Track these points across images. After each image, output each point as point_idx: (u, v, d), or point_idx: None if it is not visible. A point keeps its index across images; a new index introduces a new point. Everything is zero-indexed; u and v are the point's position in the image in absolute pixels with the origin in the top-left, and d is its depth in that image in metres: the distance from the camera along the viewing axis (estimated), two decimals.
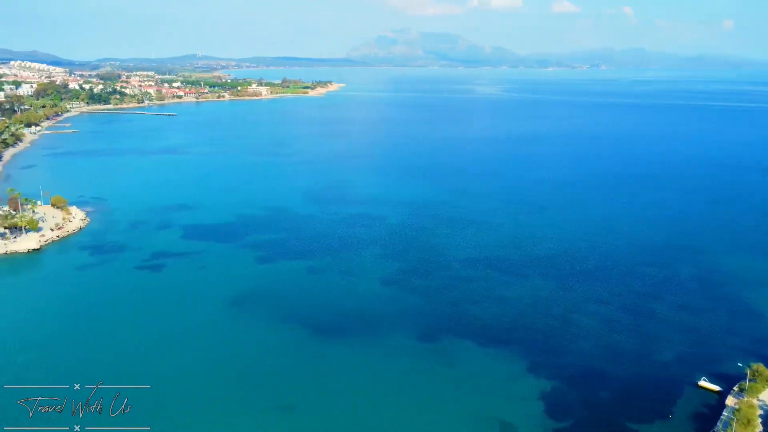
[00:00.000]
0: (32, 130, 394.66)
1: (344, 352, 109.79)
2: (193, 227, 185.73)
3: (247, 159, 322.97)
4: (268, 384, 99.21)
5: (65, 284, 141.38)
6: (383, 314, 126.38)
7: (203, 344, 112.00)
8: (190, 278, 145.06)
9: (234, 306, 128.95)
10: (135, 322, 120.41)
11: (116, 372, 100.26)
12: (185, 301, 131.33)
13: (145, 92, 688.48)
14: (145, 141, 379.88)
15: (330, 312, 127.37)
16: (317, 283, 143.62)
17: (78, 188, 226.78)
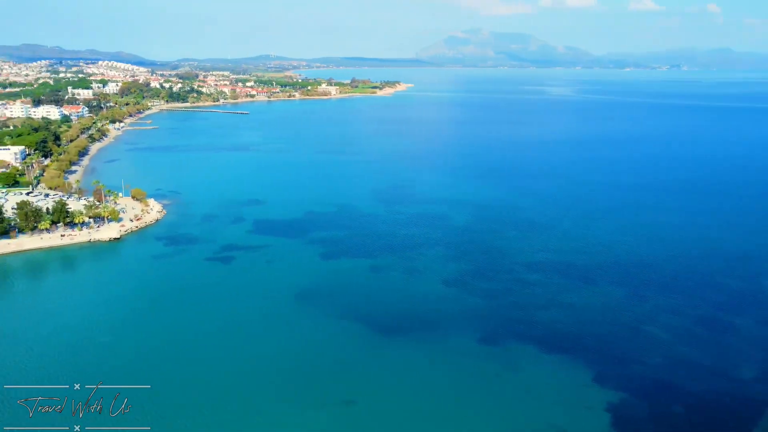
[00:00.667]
0: (116, 126, 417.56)
1: (404, 351, 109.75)
2: (261, 222, 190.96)
3: (315, 157, 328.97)
4: (327, 378, 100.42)
5: (142, 272, 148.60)
6: (444, 315, 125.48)
7: (267, 336, 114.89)
8: (257, 271, 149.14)
9: (298, 300, 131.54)
10: (204, 311, 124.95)
11: (185, 356, 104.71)
12: (252, 293, 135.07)
13: (220, 91, 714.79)
14: (219, 138, 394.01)
15: (391, 310, 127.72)
16: (379, 281, 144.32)
17: (156, 182, 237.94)
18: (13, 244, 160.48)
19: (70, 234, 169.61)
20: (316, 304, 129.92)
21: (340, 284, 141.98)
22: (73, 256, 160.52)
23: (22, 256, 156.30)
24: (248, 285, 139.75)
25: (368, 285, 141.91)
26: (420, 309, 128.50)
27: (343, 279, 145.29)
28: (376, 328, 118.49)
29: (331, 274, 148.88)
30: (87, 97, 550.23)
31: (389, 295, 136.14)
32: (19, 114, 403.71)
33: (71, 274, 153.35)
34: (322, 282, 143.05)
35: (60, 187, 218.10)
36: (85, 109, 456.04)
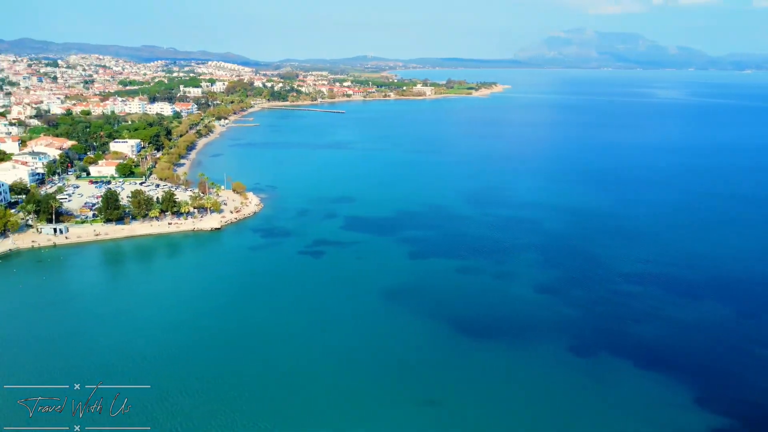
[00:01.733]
0: (222, 123, 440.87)
1: (491, 355, 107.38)
2: (353, 218, 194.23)
3: (408, 156, 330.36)
4: (412, 376, 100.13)
5: (239, 262, 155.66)
6: (534, 321, 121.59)
7: (353, 331, 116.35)
8: (347, 267, 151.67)
9: (385, 297, 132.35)
10: (294, 303, 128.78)
11: (272, 345, 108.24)
12: (340, 288, 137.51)
13: (318, 90, 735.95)
14: (316, 136, 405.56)
15: (479, 313, 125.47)
16: (468, 283, 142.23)
17: (255, 176, 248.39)
18: (127, 229, 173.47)
19: (177, 222, 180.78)
20: (403, 302, 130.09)
21: (428, 284, 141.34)
22: (178, 243, 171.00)
23: (133, 240, 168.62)
24: (337, 280, 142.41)
25: (456, 286, 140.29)
26: (509, 313, 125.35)
27: (431, 279, 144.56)
28: (462, 330, 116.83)
29: (419, 273, 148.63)
30: (196, 95, 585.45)
31: (477, 297, 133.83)
32: (136, 110, 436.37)
33: (176, 260, 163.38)
34: (410, 281, 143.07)
35: (169, 178, 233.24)
36: (195, 106, 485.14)
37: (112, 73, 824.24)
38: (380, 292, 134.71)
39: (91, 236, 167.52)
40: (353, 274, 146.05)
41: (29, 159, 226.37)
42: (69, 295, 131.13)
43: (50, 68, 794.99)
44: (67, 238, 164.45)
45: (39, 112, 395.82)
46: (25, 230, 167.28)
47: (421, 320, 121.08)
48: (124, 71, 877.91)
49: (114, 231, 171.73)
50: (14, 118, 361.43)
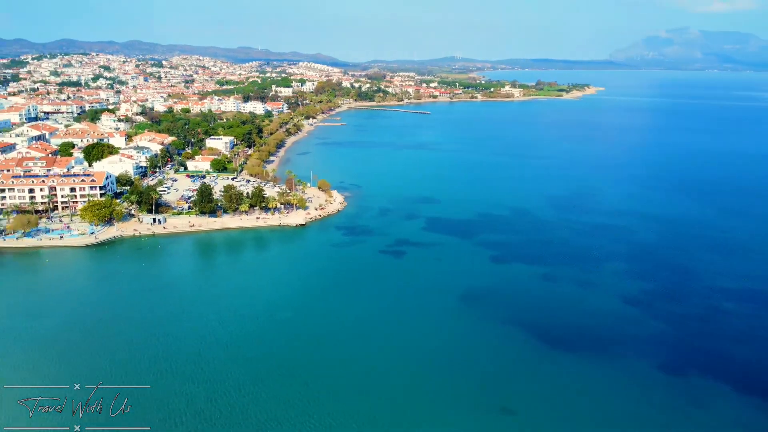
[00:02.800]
0: (310, 122, 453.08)
1: (572, 367, 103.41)
2: (434, 220, 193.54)
3: (492, 158, 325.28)
4: (487, 382, 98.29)
5: (322, 258, 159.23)
6: (620, 334, 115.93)
7: (429, 332, 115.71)
8: (427, 268, 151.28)
9: (464, 300, 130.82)
10: (373, 300, 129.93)
11: (351, 341, 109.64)
12: (419, 288, 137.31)
13: (404, 91, 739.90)
14: (400, 136, 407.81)
15: (561, 322, 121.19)
16: (551, 291, 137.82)
17: (340, 174, 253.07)
18: (218, 222, 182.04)
19: (264, 217, 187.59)
20: (482, 306, 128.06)
21: (508, 289, 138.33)
22: (265, 237, 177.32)
23: (224, 233, 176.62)
24: (416, 281, 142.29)
25: (538, 293, 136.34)
26: (593, 325, 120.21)
27: (512, 284, 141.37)
28: (542, 339, 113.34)
29: (499, 278, 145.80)
30: (287, 94, 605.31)
31: (560, 306, 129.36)
32: (231, 108, 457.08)
33: (262, 254, 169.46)
34: (490, 285, 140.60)
35: (259, 174, 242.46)
36: (285, 105, 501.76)
37: (210, 73, 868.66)
38: (459, 295, 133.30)
39: (186, 227, 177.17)
40: (433, 276, 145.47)
41: (134, 153, 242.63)
42: (164, 282, 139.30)
43: (155, 68, 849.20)
44: (164, 228, 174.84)
45: (144, 109, 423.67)
46: (128, 219, 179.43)
47: (499, 326, 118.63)
48: (222, 71, 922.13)
49: (207, 223, 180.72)
50: (122, 114, 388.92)
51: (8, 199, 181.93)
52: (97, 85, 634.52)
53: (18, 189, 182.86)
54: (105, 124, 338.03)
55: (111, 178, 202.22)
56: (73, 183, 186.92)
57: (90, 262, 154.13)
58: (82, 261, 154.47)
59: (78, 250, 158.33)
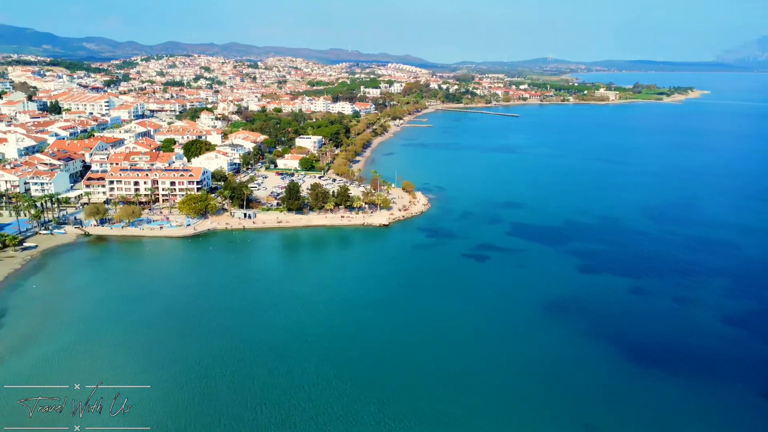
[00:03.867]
0: (396, 123, 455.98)
1: (663, 387, 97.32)
2: (519, 225, 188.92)
3: (582, 164, 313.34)
4: (568, 395, 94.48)
5: (403, 259, 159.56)
6: (721, 357, 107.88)
7: (508, 339, 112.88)
8: (510, 274, 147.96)
9: (548, 310, 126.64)
10: (452, 304, 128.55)
11: (428, 343, 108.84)
12: (502, 295, 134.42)
13: (493, 93, 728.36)
14: (487, 138, 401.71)
15: (653, 339, 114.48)
16: (641, 305, 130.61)
17: (424, 176, 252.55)
18: (305, 219, 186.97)
19: (348, 216, 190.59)
20: (567, 317, 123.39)
21: (595, 301, 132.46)
22: (349, 236, 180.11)
23: (310, 230, 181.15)
24: (498, 286, 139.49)
25: (628, 307, 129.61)
26: (691, 345, 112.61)
27: (599, 296, 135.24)
28: (633, 355, 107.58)
29: (586, 288, 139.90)
30: (375, 95, 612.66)
31: (652, 322, 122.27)
32: (320, 108, 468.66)
33: (345, 252, 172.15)
34: (576, 295, 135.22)
35: (345, 174, 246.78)
36: (372, 106, 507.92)
37: (302, 74, 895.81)
38: (542, 304, 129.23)
39: (274, 223, 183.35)
40: (515, 282, 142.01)
41: (229, 150, 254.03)
42: (252, 275, 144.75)
43: (251, 69, 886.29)
44: (254, 223, 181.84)
45: (239, 108, 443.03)
46: (221, 213, 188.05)
47: (583, 338, 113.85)
48: (313, 72, 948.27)
49: (294, 219, 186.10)
50: (219, 113, 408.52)
51: (116, 191, 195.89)
52: (198, 85, 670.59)
53: (125, 181, 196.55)
54: (203, 122, 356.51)
55: (207, 173, 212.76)
56: (173, 177, 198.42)
57: (185, 253, 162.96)
58: (178, 251, 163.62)
59: (175, 240, 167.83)
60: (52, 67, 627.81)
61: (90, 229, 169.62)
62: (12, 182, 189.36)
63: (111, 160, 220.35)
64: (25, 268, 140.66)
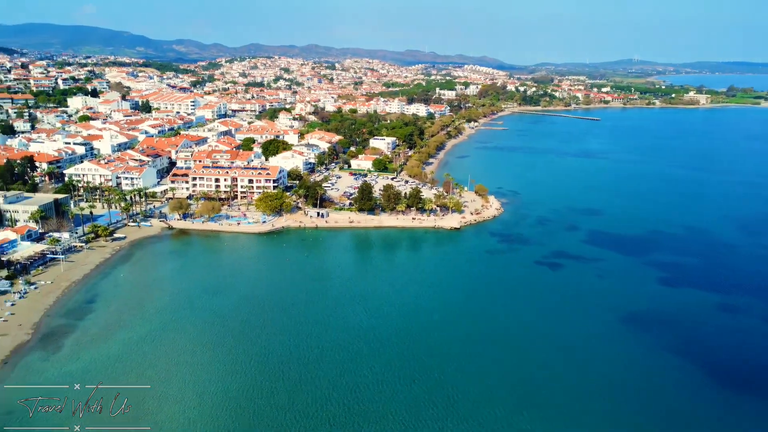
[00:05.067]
0: (471, 125, 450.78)
1: (758, 413, 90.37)
2: (597, 233, 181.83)
3: (668, 170, 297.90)
4: (650, 417, 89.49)
5: (474, 263, 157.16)
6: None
7: (585, 354, 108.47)
8: (585, 284, 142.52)
9: (626, 323, 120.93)
10: (525, 312, 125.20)
11: (497, 350, 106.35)
12: (577, 305, 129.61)
13: (572, 96, 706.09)
14: (565, 143, 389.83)
15: (743, 360, 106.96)
16: (731, 323, 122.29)
17: (498, 180, 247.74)
18: (376, 219, 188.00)
19: (420, 218, 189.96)
20: (647, 332, 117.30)
21: (678, 317, 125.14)
22: (419, 238, 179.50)
23: (381, 231, 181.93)
24: (573, 296, 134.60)
25: (715, 325, 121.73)
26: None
27: (683, 312, 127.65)
28: (719, 376, 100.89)
29: (669, 303, 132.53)
30: (450, 97, 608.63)
31: (742, 341, 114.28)
32: (395, 110, 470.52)
33: (415, 254, 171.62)
34: (657, 310, 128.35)
35: (417, 176, 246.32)
36: (447, 108, 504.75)
37: (378, 76, 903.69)
38: (621, 317, 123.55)
39: (346, 222, 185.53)
40: (591, 292, 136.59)
41: (304, 150, 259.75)
42: (323, 273, 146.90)
43: (328, 71, 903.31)
44: (326, 222, 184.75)
45: (316, 109, 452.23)
46: (295, 211, 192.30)
47: (666, 356, 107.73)
48: (389, 74, 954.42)
49: (365, 220, 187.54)
50: (297, 113, 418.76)
51: (198, 187, 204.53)
52: (277, 85, 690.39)
53: (206, 178, 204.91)
54: (281, 122, 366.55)
55: (283, 172, 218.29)
56: (251, 175, 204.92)
57: (260, 248, 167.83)
58: (254, 246, 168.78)
59: (251, 236, 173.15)
60: (144, 68, 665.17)
61: (173, 223, 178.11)
62: (105, 176, 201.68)
63: (194, 158, 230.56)
64: (114, 257, 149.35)
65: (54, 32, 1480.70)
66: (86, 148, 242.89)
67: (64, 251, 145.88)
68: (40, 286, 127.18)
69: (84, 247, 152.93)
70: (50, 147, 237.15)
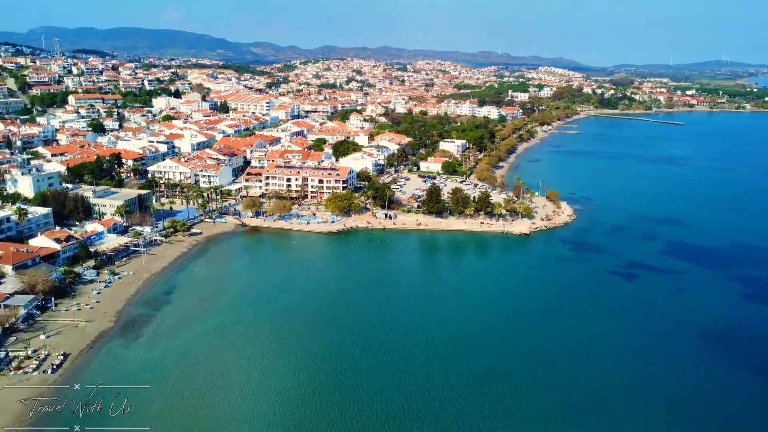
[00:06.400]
0: (544, 129, 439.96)
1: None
2: (676, 244, 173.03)
3: (757, 179, 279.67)
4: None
5: (543, 270, 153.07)
6: None
7: (661, 369, 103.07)
8: (663, 297, 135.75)
9: (707, 340, 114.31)
10: (594, 323, 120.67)
11: (557, 359, 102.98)
12: (653, 318, 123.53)
13: (654, 99, 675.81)
14: (644, 148, 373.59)
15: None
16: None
17: (571, 185, 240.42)
18: (444, 223, 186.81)
19: (488, 223, 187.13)
20: (731, 352, 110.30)
21: (766, 336, 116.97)
22: (487, 242, 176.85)
23: (448, 234, 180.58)
24: (650, 309, 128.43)
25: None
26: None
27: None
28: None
29: (756, 321, 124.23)
30: (523, 100, 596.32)
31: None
32: (466, 112, 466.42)
33: (483, 259, 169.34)
34: (742, 328, 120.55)
35: (487, 179, 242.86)
36: (520, 111, 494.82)
37: (449, 78, 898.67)
38: (701, 333, 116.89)
39: (413, 224, 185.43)
40: (670, 307, 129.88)
41: (374, 151, 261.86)
42: (389, 275, 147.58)
43: (400, 72, 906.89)
44: (394, 224, 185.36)
45: (386, 110, 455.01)
46: (364, 212, 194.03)
47: (749, 378, 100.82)
48: (460, 76, 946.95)
49: (433, 223, 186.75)
50: (368, 115, 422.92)
51: (270, 186, 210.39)
52: (349, 87, 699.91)
53: (279, 177, 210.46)
54: (352, 124, 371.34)
55: (353, 173, 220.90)
56: (322, 175, 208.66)
57: (328, 248, 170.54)
58: (322, 246, 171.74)
59: (320, 235, 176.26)
60: (223, 70, 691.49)
61: (246, 220, 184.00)
62: (185, 174, 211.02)
63: (268, 157, 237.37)
64: (191, 252, 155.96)
65: (142, 36, 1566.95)
66: (168, 146, 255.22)
67: (146, 244, 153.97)
68: (123, 276, 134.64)
69: (163, 240, 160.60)
70: (135, 145, 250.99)
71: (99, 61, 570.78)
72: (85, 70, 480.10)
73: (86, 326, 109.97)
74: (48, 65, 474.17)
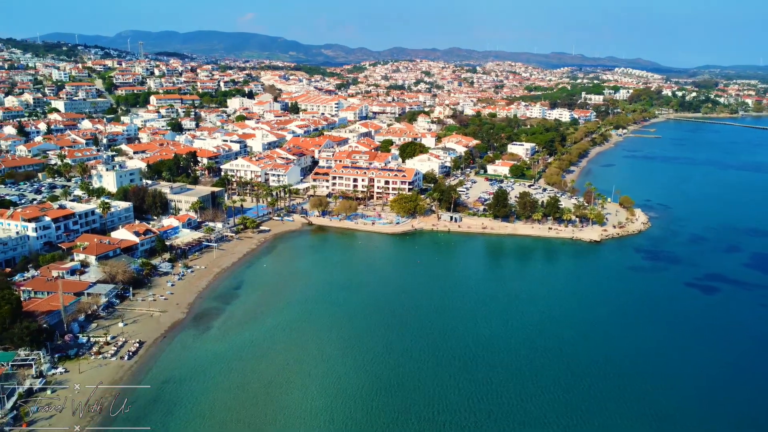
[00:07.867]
0: (619, 132, 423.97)
1: None
2: (763, 257, 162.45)
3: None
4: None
5: (615, 280, 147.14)
6: None
7: (731, 391, 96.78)
8: (743, 312, 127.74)
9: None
10: (670, 338, 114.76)
11: (628, 373, 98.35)
12: (729, 335, 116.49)
13: (741, 102, 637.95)
14: (729, 154, 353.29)
15: None
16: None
17: (646, 192, 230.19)
18: (510, 227, 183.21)
19: (557, 229, 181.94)
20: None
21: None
22: (555, 249, 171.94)
23: (514, 239, 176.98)
24: (730, 324, 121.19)
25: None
26: None
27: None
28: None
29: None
30: (597, 102, 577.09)
31: None
32: (536, 115, 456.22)
33: (550, 265, 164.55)
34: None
35: (556, 184, 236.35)
36: (593, 113, 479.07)
37: (520, 79, 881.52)
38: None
39: (478, 228, 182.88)
40: (753, 323, 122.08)
41: (441, 153, 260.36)
42: (453, 278, 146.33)
43: (469, 74, 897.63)
44: (459, 227, 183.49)
45: (454, 112, 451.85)
46: (429, 214, 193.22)
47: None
48: (531, 77, 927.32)
49: (499, 227, 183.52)
50: (435, 117, 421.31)
51: (337, 186, 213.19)
52: (418, 88, 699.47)
53: (345, 178, 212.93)
54: (419, 125, 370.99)
55: (419, 175, 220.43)
56: (388, 177, 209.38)
57: (392, 249, 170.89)
58: (386, 246, 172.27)
59: (384, 236, 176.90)
60: (294, 72, 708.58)
61: (313, 219, 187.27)
62: (255, 172, 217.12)
63: (335, 158, 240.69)
64: (259, 248, 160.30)
65: (219, 38, 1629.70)
66: (240, 145, 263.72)
67: (217, 240, 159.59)
68: (196, 270, 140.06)
69: (234, 237, 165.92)
70: (210, 144, 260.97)
71: (179, 63, 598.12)
72: (166, 72, 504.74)
73: (160, 316, 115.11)
74: (132, 67, 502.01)
